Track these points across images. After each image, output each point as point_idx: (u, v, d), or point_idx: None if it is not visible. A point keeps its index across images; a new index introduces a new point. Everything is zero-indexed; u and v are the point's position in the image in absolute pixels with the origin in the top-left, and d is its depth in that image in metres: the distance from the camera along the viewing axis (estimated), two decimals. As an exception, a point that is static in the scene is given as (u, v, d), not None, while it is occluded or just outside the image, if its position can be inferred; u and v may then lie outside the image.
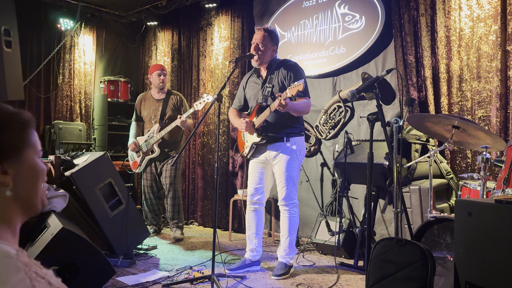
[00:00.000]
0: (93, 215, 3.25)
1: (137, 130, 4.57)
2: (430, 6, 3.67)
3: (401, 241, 2.09)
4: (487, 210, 1.71)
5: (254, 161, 3.31)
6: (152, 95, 4.50)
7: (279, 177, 3.18)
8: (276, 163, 3.19)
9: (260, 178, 3.30)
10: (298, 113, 3.13)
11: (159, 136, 4.27)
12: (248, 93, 3.38)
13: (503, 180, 2.24)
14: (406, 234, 2.88)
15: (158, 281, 2.97)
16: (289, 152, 3.15)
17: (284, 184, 3.16)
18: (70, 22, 5.53)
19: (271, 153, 3.19)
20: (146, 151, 4.39)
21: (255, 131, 3.19)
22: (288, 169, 3.15)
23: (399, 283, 2.01)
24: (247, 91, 3.39)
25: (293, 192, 3.19)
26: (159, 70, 4.43)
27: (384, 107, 3.87)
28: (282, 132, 3.16)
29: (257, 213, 3.33)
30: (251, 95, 3.33)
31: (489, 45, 3.37)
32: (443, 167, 3.42)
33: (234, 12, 5.13)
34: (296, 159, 3.18)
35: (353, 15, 4.15)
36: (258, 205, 3.32)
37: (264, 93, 3.20)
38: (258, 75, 3.33)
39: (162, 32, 5.98)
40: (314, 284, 2.98)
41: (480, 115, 3.40)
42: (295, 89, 2.82)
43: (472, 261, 1.76)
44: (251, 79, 3.39)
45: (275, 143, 3.17)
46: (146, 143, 4.37)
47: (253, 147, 3.24)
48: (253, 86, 3.33)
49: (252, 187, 3.31)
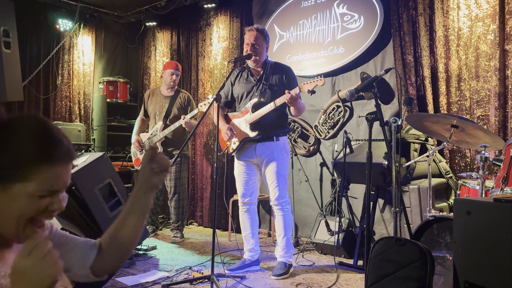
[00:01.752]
0: (93, 216, 3.25)
1: (141, 126, 4.51)
2: (428, 5, 3.67)
3: (400, 241, 2.09)
4: (485, 209, 1.71)
5: (239, 162, 3.33)
6: (161, 91, 4.45)
7: (271, 177, 3.20)
8: (268, 163, 3.20)
9: (247, 178, 3.32)
10: (298, 111, 3.17)
11: (163, 134, 4.23)
12: (236, 90, 3.36)
13: (501, 179, 2.24)
14: (406, 233, 2.89)
15: (157, 282, 2.97)
16: (281, 152, 3.19)
17: (276, 184, 3.18)
18: (69, 23, 5.53)
19: (261, 151, 3.21)
20: None
21: (249, 126, 3.19)
22: (281, 168, 3.18)
23: (398, 283, 2.01)
24: (236, 88, 3.37)
25: (285, 190, 3.23)
26: (173, 69, 4.35)
27: (383, 107, 3.88)
28: (274, 131, 3.20)
29: (250, 212, 3.35)
30: (243, 92, 3.31)
31: (487, 45, 3.37)
32: (442, 167, 3.43)
33: (233, 12, 5.13)
34: (287, 158, 3.24)
35: (352, 15, 4.16)
36: (249, 205, 3.35)
37: (261, 90, 3.22)
38: (250, 74, 3.34)
39: (161, 33, 5.98)
40: (313, 284, 2.98)
41: (479, 114, 3.41)
42: (315, 84, 2.94)
43: (471, 260, 1.76)
44: (241, 77, 3.38)
45: (265, 142, 3.20)
46: (149, 141, 4.34)
47: (241, 143, 3.25)
48: (245, 83, 3.33)
49: (241, 188, 3.33)
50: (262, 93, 3.21)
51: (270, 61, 3.36)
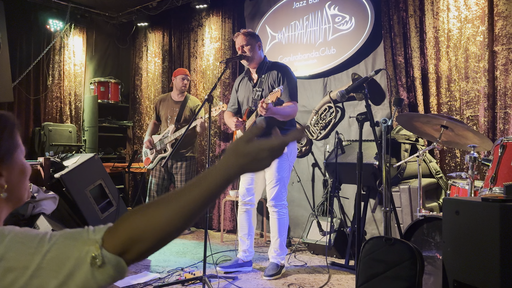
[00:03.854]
0: (84, 217, 3.24)
1: (153, 129, 4.73)
2: (419, 7, 3.70)
3: (390, 240, 2.10)
4: (474, 208, 1.73)
5: None
6: (172, 97, 4.66)
7: (269, 177, 3.20)
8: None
9: (251, 179, 3.32)
10: (283, 117, 3.15)
11: (174, 136, 4.41)
12: (240, 96, 3.41)
13: (490, 179, 2.27)
14: (396, 233, 2.91)
15: (149, 283, 2.96)
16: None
17: (274, 184, 3.18)
18: (59, 23, 5.49)
19: None
20: (159, 150, 4.55)
21: None
22: (279, 170, 3.17)
23: (388, 282, 2.02)
24: (239, 94, 3.42)
25: (283, 193, 3.21)
26: (183, 75, 4.60)
27: (374, 108, 3.90)
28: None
29: (248, 214, 3.34)
30: (243, 98, 3.37)
31: (476, 46, 3.41)
32: (432, 167, 3.45)
33: (225, 13, 5.13)
34: (286, 160, 3.21)
35: (343, 16, 4.18)
36: (249, 205, 3.33)
37: (254, 97, 3.24)
38: (249, 78, 3.36)
39: (153, 33, 5.96)
40: (305, 284, 2.99)
41: (469, 115, 3.44)
42: (274, 96, 2.91)
43: (460, 259, 1.78)
44: (242, 82, 3.42)
45: None
46: (160, 142, 4.53)
47: None
48: (245, 89, 3.37)
49: (243, 188, 3.33)
50: (254, 101, 3.23)
51: (269, 61, 3.36)
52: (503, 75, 3.27)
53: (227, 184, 0.81)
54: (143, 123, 6.01)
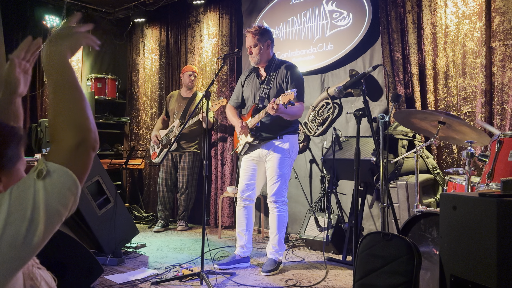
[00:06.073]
0: (81, 214, 3.23)
1: (161, 124, 4.96)
2: (416, 3, 3.70)
3: (387, 235, 2.11)
4: (471, 203, 1.74)
5: (247, 157, 3.33)
6: (180, 93, 4.91)
7: (270, 173, 3.21)
8: (268, 160, 3.21)
9: (252, 174, 3.32)
10: (290, 117, 3.16)
11: (178, 131, 4.53)
12: (246, 92, 3.40)
13: (487, 174, 2.27)
14: (394, 229, 2.92)
15: (147, 279, 2.97)
16: (281, 150, 3.19)
17: (275, 180, 3.18)
18: (56, 19, 5.45)
19: (264, 150, 3.23)
20: (165, 144, 4.74)
21: (249, 131, 3.21)
22: (280, 166, 3.17)
23: (385, 277, 2.03)
24: (245, 90, 3.41)
25: (283, 189, 3.21)
26: (190, 71, 4.84)
27: (371, 104, 3.90)
28: (276, 132, 3.20)
29: (247, 209, 3.34)
30: (249, 94, 3.36)
31: (474, 42, 3.41)
32: (430, 163, 3.46)
33: (222, 9, 5.11)
34: (288, 157, 3.21)
35: (341, 12, 4.17)
36: (248, 201, 3.33)
37: (261, 95, 3.23)
38: (257, 75, 3.35)
39: (150, 29, 5.94)
40: (303, 280, 3.00)
41: (466, 111, 3.45)
42: (287, 98, 2.90)
43: (457, 254, 1.79)
44: (249, 78, 3.40)
45: (269, 141, 3.22)
46: (166, 137, 4.74)
47: (246, 145, 3.27)
48: (252, 85, 3.35)
49: (243, 183, 3.33)
50: (261, 98, 3.23)
51: (277, 59, 3.34)
52: (500, 71, 3.28)
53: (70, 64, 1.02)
54: (140, 119, 5.99)
